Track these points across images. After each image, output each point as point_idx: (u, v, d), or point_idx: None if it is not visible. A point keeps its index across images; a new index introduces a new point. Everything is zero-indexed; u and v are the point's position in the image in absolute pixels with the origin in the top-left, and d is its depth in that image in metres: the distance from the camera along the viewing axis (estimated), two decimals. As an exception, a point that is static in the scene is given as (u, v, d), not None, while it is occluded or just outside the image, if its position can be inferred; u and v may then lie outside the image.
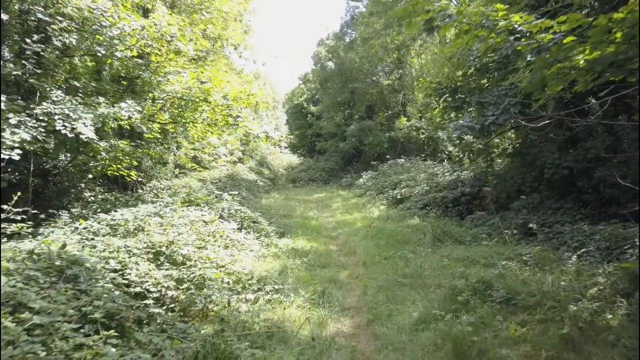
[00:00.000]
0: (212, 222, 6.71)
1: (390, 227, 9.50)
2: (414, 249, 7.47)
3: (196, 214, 6.85)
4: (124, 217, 5.83)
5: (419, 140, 19.82)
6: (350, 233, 9.46)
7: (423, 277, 5.97)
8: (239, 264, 5.82)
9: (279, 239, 8.23)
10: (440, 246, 7.45)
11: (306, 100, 31.44)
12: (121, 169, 9.55)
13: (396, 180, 15.02)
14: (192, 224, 6.22)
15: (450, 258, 6.63)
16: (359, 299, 5.47)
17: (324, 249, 7.95)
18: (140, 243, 5.01)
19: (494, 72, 8.73)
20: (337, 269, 6.82)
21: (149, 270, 4.68)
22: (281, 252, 7.35)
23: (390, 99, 22.29)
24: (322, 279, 6.09)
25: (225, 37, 11.87)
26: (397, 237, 8.31)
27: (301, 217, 11.56)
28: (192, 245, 5.48)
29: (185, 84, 7.63)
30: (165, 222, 6.01)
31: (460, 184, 11.88)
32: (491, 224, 8.48)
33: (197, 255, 5.19)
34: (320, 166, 24.71)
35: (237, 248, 6.78)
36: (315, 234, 9.20)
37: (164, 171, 14.75)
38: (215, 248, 5.74)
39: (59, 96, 6.90)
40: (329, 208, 13.94)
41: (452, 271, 5.97)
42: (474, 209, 10.92)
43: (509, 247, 6.87)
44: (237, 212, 8.35)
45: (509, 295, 4.76)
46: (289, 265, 6.30)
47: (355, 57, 20.70)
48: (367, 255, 7.39)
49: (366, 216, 11.56)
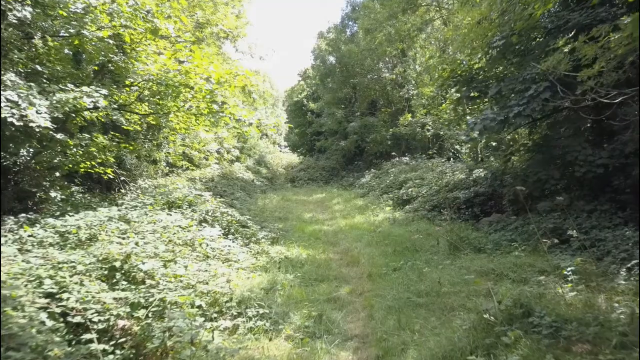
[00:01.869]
0: (189, 227, 5.67)
1: (398, 231, 8.45)
2: (427, 259, 6.42)
3: (172, 218, 5.82)
4: (82, 222, 4.80)
5: (424, 138, 18.77)
6: (352, 238, 8.41)
7: (442, 295, 4.92)
8: (219, 280, 4.78)
9: (271, 245, 7.19)
10: (458, 255, 6.40)
11: (306, 97, 30.37)
12: (96, 166, 8.55)
13: (401, 179, 13.97)
14: (163, 231, 5.18)
15: (472, 270, 5.58)
16: (364, 325, 4.43)
17: (322, 258, 6.91)
18: (89, 256, 3.97)
19: (518, 56, 7.67)
20: (338, 283, 5.77)
21: (96, 293, 3.65)
22: (272, 262, 6.31)
23: (393, 95, 21.22)
24: (319, 297, 5.05)
25: (215, 21, 10.81)
26: (406, 244, 7.26)
27: (298, 220, 10.52)
28: (158, 258, 4.44)
29: (161, 65, 6.58)
30: (131, 229, 4.97)
31: (473, 183, 10.83)
32: (514, 229, 7.42)
33: (163, 272, 4.15)
34: (321, 165, 23.65)
35: (220, 258, 5.75)
36: (313, 240, 8.16)
37: (152, 169, 13.74)
38: (188, 261, 4.69)
39: (14, 81, 5.88)
40: (329, 210, 12.89)
41: (476, 288, 4.94)
42: (489, 210, 9.88)
43: (541, 257, 5.83)
44: (222, 216, 7.31)
45: (556, 325, 3.71)
46: (280, 280, 5.25)
47: (356, 49, 19.62)
48: (373, 266, 6.35)
49: (370, 219, 10.51)
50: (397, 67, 19.60)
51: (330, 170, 22.88)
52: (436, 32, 16.75)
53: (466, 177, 11.32)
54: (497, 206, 10.07)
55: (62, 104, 5.69)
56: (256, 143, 27.89)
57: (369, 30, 17.74)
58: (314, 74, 25.76)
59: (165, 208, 6.95)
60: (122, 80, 7.45)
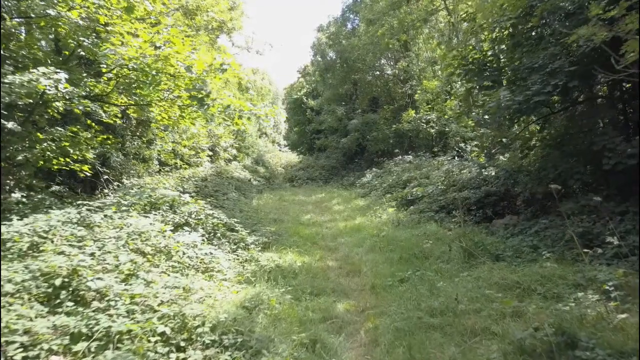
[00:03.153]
0: (163, 232, 4.88)
1: (403, 235, 7.65)
2: (438, 268, 5.61)
3: (145, 222, 5.03)
4: (27, 228, 4.01)
5: (428, 135, 17.97)
6: (353, 243, 7.61)
7: (459, 314, 4.12)
8: (194, 296, 3.99)
9: (262, 252, 6.40)
10: (474, 264, 5.59)
11: (305, 94, 29.56)
12: (71, 163, 7.77)
13: (405, 178, 13.17)
14: (129, 237, 4.39)
15: (492, 283, 4.78)
16: (367, 353, 3.64)
17: (319, 267, 6.11)
18: (23, 273, 3.18)
19: (532, 43, 6.88)
20: (336, 297, 4.98)
21: (28, 321, 2.87)
22: (262, 271, 5.53)
23: (395, 91, 20.42)
24: (314, 317, 4.26)
25: (205, 7, 10.01)
26: (413, 250, 6.46)
27: (294, 223, 9.72)
28: (117, 271, 3.66)
29: (136, 49, 5.79)
30: (90, 235, 4.19)
31: (484, 182, 10.02)
32: (534, 233, 6.61)
33: (119, 289, 3.36)
34: (320, 164, 22.84)
35: (199, 269, 4.96)
36: (310, 245, 7.36)
37: (142, 168, 12.95)
38: (154, 274, 3.90)
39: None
40: (329, 211, 12.09)
41: (500, 305, 4.14)
42: (501, 212, 9.08)
43: (571, 266, 5.03)
44: (207, 218, 6.52)
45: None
46: (267, 295, 4.45)
47: (358, 43, 18.80)
48: (377, 276, 5.55)
49: (372, 221, 9.71)
50: (400, 62, 18.77)
51: (330, 170, 22.09)
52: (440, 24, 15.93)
53: (476, 176, 10.52)
54: (510, 207, 9.27)
55: (17, 87, 4.90)
56: (255, 142, 27.13)
57: (371, 21, 16.91)
58: (314, 69, 24.94)
59: (141, 210, 6.16)
60: (97, 66, 6.66)
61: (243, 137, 24.84)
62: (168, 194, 6.76)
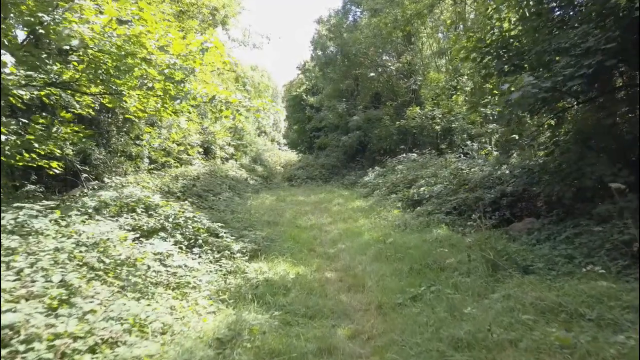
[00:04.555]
0: (121, 241, 4.01)
1: (412, 240, 6.75)
2: (457, 282, 4.71)
3: (103, 229, 4.15)
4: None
5: (433, 132, 17.08)
6: (355, 249, 6.73)
7: (492, 348, 3.24)
8: (154, 324, 3.12)
9: (250, 261, 5.53)
10: (500, 278, 4.70)
11: (305, 91, 28.63)
12: (37, 159, 6.91)
13: (411, 177, 12.28)
14: (74, 249, 3.51)
15: (527, 305, 3.89)
16: (375, 406, 2.76)
17: (315, 279, 5.23)
18: None
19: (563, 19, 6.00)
20: (335, 320, 4.09)
21: None
22: (248, 286, 4.65)
23: (399, 86, 19.51)
24: (307, 349, 3.37)
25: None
26: (425, 259, 5.56)
27: (290, 226, 8.83)
28: (48, 296, 2.78)
29: (99, 26, 4.90)
30: (23, 248, 3.31)
31: (498, 180, 9.12)
32: (565, 240, 5.71)
33: (40, 324, 2.48)
34: (320, 162, 21.94)
35: (170, 285, 4.08)
36: (306, 252, 6.47)
37: (130, 165, 12.08)
38: (100, 300, 3.01)
39: None
40: (329, 212, 11.20)
41: (542, 335, 3.26)
42: (519, 214, 8.18)
43: (620, 281, 4.15)
44: (186, 222, 5.64)
45: None
46: (249, 321, 3.57)
47: (360, 36, 17.89)
48: (384, 292, 4.67)
49: (376, 223, 8.82)
50: (404, 55, 17.87)
51: (330, 168, 21.21)
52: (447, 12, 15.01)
53: (488, 174, 9.62)
54: (528, 209, 8.36)
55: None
56: (253, 140, 26.27)
57: (375, 11, 15.98)
58: (314, 64, 24.01)
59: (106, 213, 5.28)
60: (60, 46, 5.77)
61: (241, 135, 24.00)
62: (135, 194, 5.87)
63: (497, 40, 6.55)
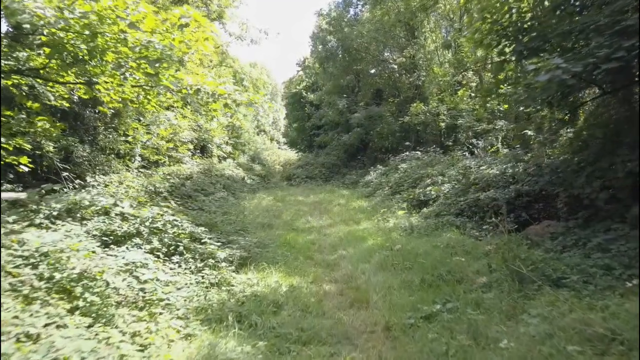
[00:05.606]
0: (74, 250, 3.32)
1: (421, 246, 6.04)
2: (477, 298, 4.02)
3: (55, 237, 3.46)
4: None
5: (437, 129, 16.39)
6: (357, 256, 6.02)
7: (533, 391, 2.54)
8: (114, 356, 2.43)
9: (237, 271, 4.83)
10: (528, 294, 4.00)
11: (305, 88, 27.92)
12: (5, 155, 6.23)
13: (415, 176, 11.59)
14: (10, 263, 2.82)
15: (567, 329, 3.19)
16: None
17: (312, 293, 4.53)
18: None
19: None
20: (334, 346, 3.40)
21: None
22: (233, 301, 3.97)
23: (401, 82, 18.81)
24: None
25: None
26: (438, 269, 4.85)
27: (286, 228, 8.13)
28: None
29: None
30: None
31: (512, 179, 8.43)
32: (598, 247, 5.00)
33: None
34: (320, 161, 21.25)
35: (136, 304, 3.39)
36: (302, 260, 5.77)
37: (118, 163, 11.39)
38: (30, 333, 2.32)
39: None
40: (328, 213, 10.50)
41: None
42: (536, 215, 7.49)
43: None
44: (165, 227, 4.95)
45: None
46: (225, 353, 2.87)
47: (362, 30, 17.18)
48: (392, 310, 3.97)
49: (380, 226, 8.13)
50: (407, 49, 17.15)
51: (330, 167, 20.52)
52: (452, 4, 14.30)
53: (501, 173, 8.92)
54: (546, 210, 7.67)
55: None
56: (251, 139, 25.58)
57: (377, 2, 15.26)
58: (314, 60, 23.30)
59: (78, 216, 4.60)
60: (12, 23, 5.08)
61: (239, 134, 23.32)
62: (99, 200, 5.14)
63: (515, 21, 5.85)
